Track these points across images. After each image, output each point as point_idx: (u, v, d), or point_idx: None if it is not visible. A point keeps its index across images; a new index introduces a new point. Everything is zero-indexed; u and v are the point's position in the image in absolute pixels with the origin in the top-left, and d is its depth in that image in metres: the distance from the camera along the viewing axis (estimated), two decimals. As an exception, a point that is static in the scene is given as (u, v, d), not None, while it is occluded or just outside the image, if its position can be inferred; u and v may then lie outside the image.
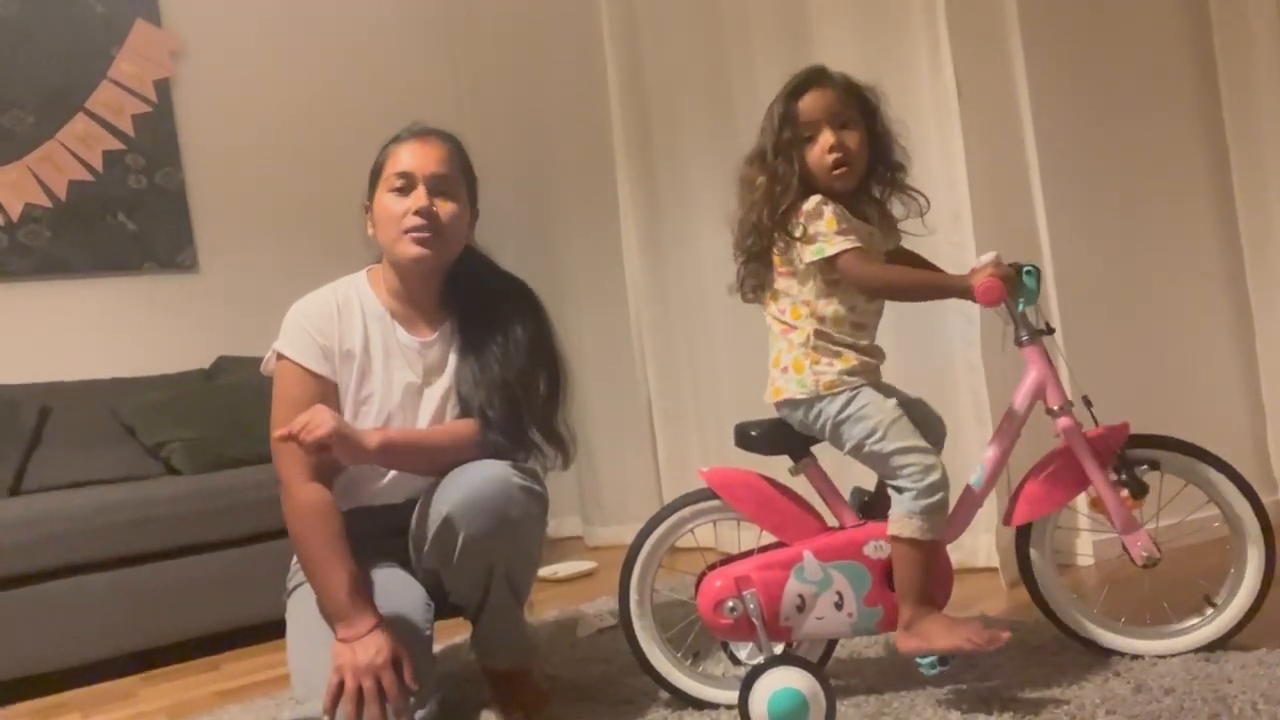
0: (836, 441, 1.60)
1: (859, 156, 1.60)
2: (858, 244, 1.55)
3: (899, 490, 1.53)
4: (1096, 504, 1.60)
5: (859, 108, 1.61)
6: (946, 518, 1.55)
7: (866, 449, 1.55)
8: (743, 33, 2.84)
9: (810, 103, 1.59)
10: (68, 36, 3.26)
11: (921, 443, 1.54)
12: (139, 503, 2.50)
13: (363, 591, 1.54)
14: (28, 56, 3.19)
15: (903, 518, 1.51)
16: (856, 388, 1.57)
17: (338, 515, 1.58)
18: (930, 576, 1.54)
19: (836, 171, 1.58)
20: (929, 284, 1.64)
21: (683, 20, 3.08)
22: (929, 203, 1.67)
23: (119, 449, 2.87)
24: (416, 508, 1.60)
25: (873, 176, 1.66)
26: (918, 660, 1.53)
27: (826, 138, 1.57)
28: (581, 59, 3.43)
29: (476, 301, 1.74)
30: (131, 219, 3.31)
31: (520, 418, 1.67)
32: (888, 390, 1.62)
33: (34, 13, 3.21)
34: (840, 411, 1.56)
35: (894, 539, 1.53)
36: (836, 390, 1.57)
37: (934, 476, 1.51)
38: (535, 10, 3.57)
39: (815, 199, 1.57)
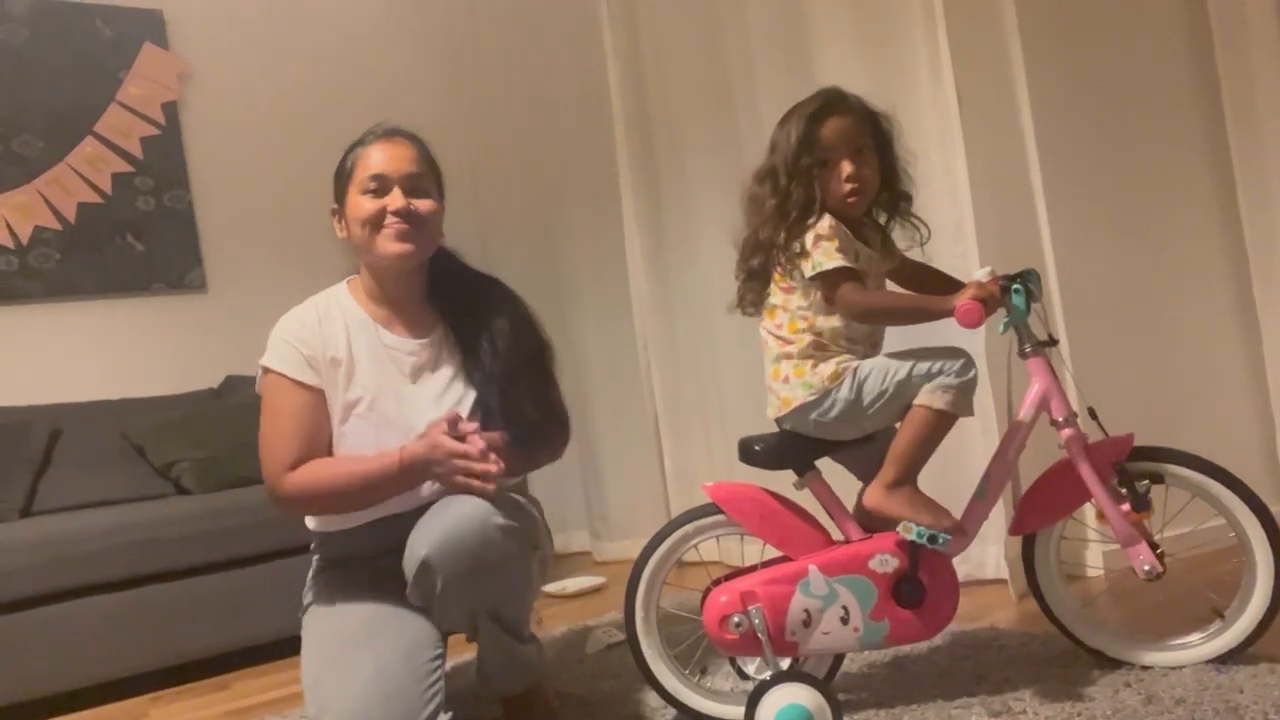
0: (858, 413, 1.59)
1: (871, 184, 1.63)
2: (850, 265, 1.58)
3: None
4: (1102, 516, 1.60)
5: (873, 134, 1.64)
6: (971, 398, 1.57)
7: (890, 390, 1.56)
8: (744, 49, 2.85)
9: (832, 129, 1.61)
10: (76, 61, 3.29)
11: (928, 348, 1.58)
12: (149, 523, 2.50)
13: (389, 453, 1.59)
14: (36, 81, 3.22)
15: (936, 390, 1.54)
16: (855, 367, 1.59)
17: (326, 458, 1.65)
18: (929, 450, 1.57)
19: (851, 200, 1.61)
20: (915, 308, 1.65)
21: (684, 37, 3.10)
22: (930, 233, 1.71)
23: (129, 469, 2.89)
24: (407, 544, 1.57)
25: (877, 201, 1.68)
26: (911, 528, 1.53)
27: (845, 167, 1.60)
28: (585, 76, 3.45)
29: (461, 303, 1.76)
30: (140, 240, 3.34)
31: (533, 404, 1.71)
32: None
33: (42, 38, 3.24)
34: (852, 385, 1.58)
35: (919, 406, 1.55)
36: (841, 376, 1.59)
37: (964, 359, 1.56)
38: (540, 32, 3.59)
39: (828, 221, 1.59)
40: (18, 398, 3.01)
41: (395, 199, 1.66)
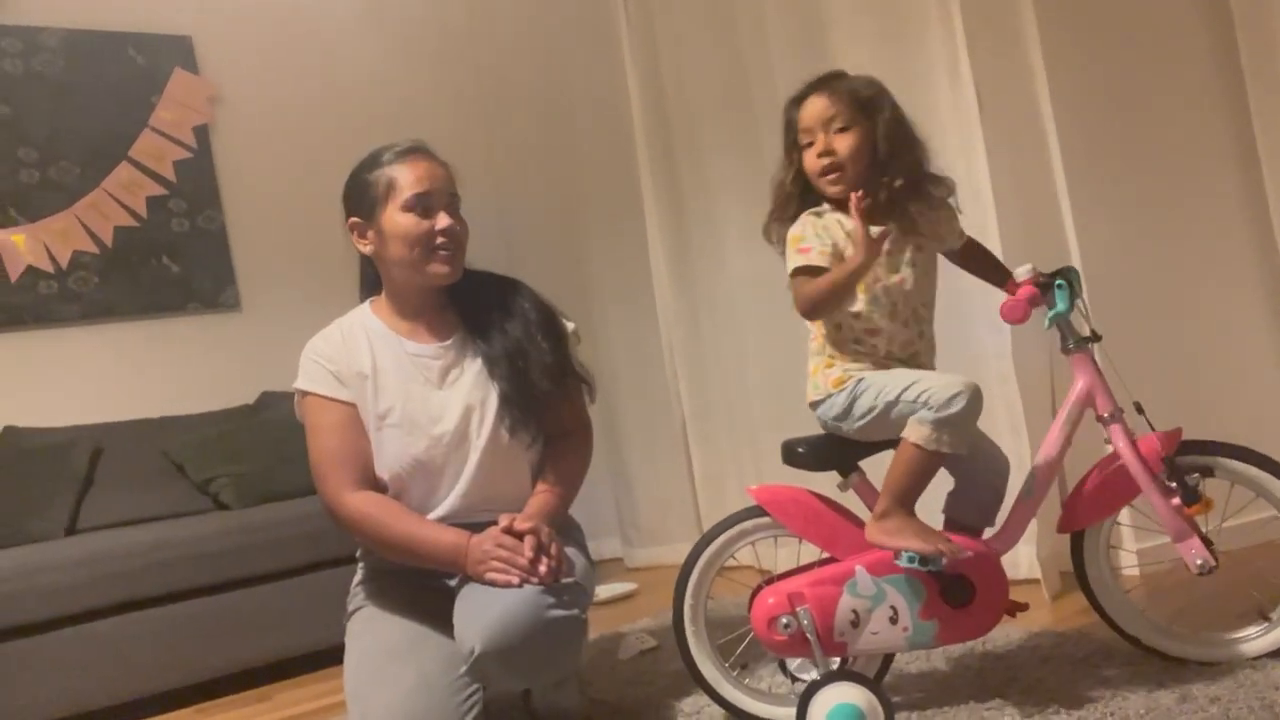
0: (850, 421, 1.59)
1: (852, 161, 1.57)
2: (807, 262, 1.56)
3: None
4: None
5: (862, 110, 1.58)
6: (965, 436, 1.52)
7: (879, 408, 1.54)
8: (763, 53, 2.86)
9: (807, 109, 1.60)
10: (109, 88, 3.37)
11: (932, 373, 1.55)
12: (190, 539, 2.55)
13: (449, 529, 1.64)
14: (72, 109, 3.30)
15: (916, 424, 1.50)
16: (861, 377, 1.58)
17: (394, 500, 1.69)
18: (921, 485, 1.55)
19: (829, 177, 1.59)
20: (841, 276, 1.53)
21: (703, 43, 3.12)
22: (954, 183, 1.65)
23: (169, 486, 2.95)
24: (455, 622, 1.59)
25: (890, 179, 1.58)
26: (901, 554, 1.52)
27: (819, 143, 1.59)
28: (603, 83, 3.48)
29: (477, 302, 1.80)
30: (175, 262, 3.41)
31: (545, 375, 1.73)
32: None
33: (76, 67, 3.32)
34: (849, 394, 1.58)
35: (904, 439, 1.53)
36: (844, 384, 1.59)
37: (954, 390, 1.48)
38: (558, 40, 3.63)
39: (800, 221, 1.61)
40: (60, 418, 3.08)
41: (443, 220, 1.70)
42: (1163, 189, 2.52)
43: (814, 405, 1.65)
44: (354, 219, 1.76)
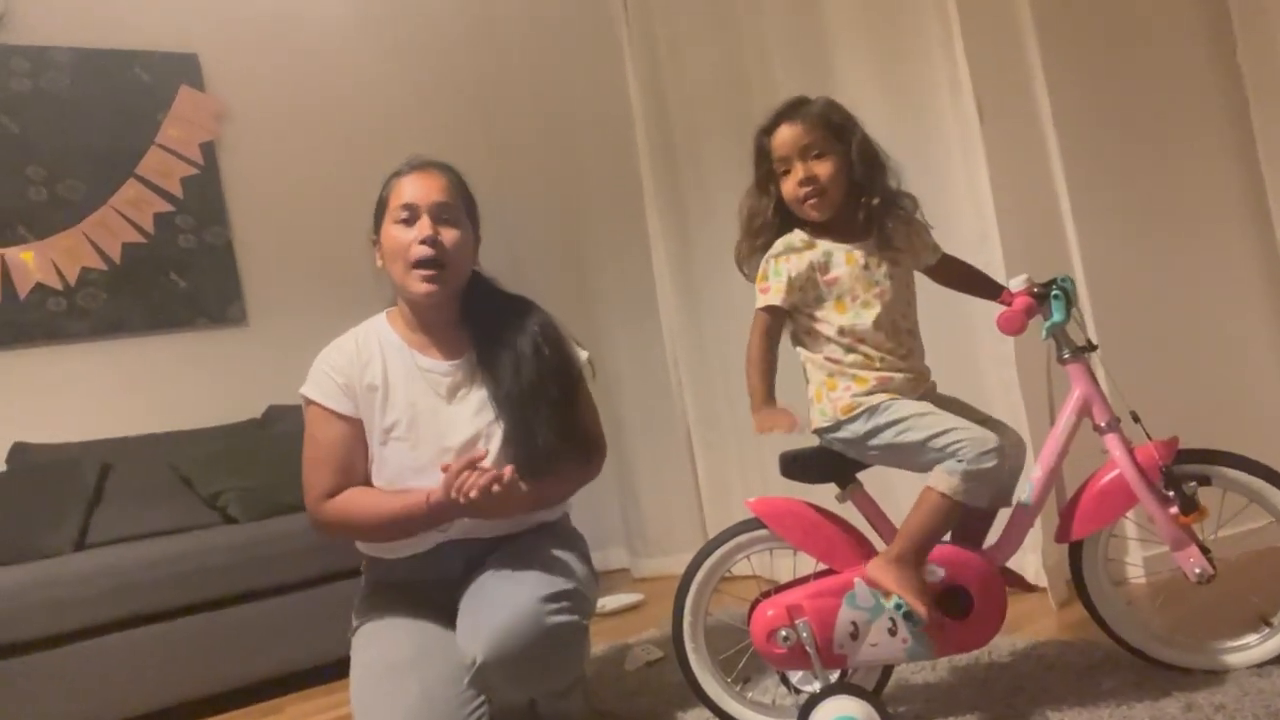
0: (867, 454, 1.60)
1: (833, 185, 1.60)
2: (766, 303, 1.61)
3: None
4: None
5: (834, 135, 1.61)
6: (987, 491, 1.53)
7: (896, 443, 1.55)
8: (764, 67, 2.88)
9: (780, 138, 1.62)
10: (116, 105, 3.40)
11: (963, 422, 1.54)
12: (198, 552, 2.57)
13: (411, 493, 1.65)
14: (79, 127, 3.33)
15: (943, 474, 1.51)
16: (875, 405, 1.58)
17: (362, 489, 1.71)
18: (941, 532, 1.55)
19: (810, 202, 1.61)
20: (749, 363, 1.61)
21: (704, 56, 3.14)
22: (916, 202, 1.67)
23: (178, 500, 2.96)
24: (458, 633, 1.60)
25: (866, 204, 1.62)
26: (893, 597, 1.53)
27: (797, 171, 1.60)
28: (606, 93, 3.50)
29: (490, 326, 1.79)
30: (183, 277, 3.43)
31: (550, 429, 1.71)
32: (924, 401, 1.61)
33: (83, 85, 3.36)
34: (865, 426, 1.58)
35: (929, 488, 1.53)
36: (855, 412, 1.59)
37: (987, 447, 1.50)
38: (561, 53, 3.65)
39: (778, 243, 1.63)
40: (69, 434, 3.10)
41: (423, 227, 1.70)
42: (1164, 198, 2.52)
43: (821, 431, 1.64)
44: (373, 236, 1.80)
